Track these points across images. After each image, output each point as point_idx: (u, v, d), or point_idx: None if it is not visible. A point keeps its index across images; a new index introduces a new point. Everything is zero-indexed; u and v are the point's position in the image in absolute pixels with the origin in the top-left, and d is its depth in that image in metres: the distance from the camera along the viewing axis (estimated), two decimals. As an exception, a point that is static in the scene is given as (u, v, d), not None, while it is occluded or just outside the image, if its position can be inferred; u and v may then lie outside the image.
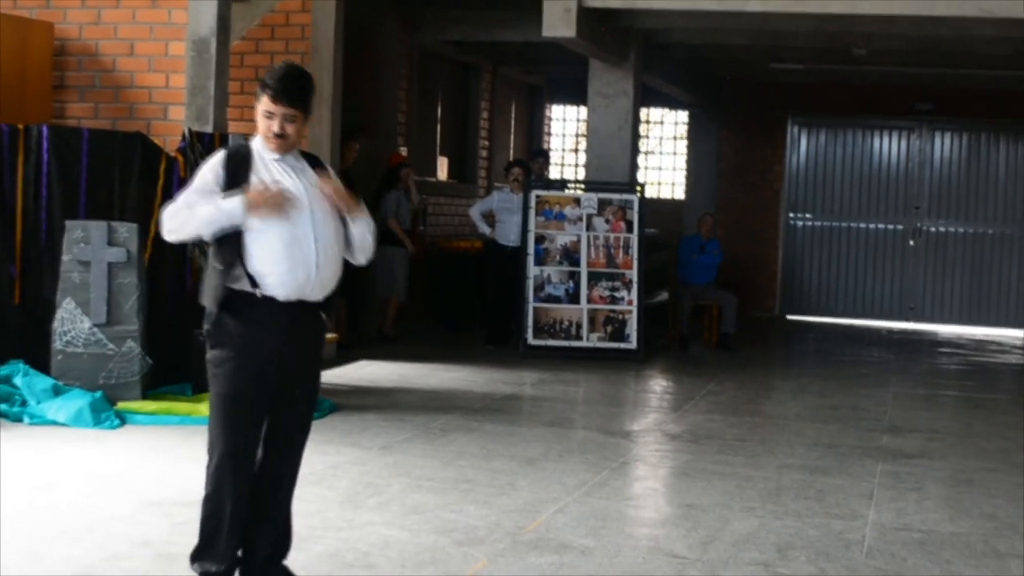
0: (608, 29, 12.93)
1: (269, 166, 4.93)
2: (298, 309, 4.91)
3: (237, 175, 4.89)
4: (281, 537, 5.13)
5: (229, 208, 4.80)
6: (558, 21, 11.75)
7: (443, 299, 15.77)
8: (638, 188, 14.03)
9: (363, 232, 5.07)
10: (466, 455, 8.28)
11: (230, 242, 4.85)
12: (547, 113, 21.45)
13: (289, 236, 4.84)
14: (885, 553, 6.32)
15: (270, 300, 4.86)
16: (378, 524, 6.39)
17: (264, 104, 4.89)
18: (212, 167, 4.94)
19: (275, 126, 4.88)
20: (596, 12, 12.16)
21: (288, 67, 4.98)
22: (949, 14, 11.22)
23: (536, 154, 16.19)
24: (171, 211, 4.91)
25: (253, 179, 4.87)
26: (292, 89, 4.90)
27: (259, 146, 4.97)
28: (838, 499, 7.51)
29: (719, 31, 13.70)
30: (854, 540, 6.55)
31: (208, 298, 4.91)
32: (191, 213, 4.85)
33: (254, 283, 4.84)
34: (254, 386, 4.90)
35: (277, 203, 4.80)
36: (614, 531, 6.57)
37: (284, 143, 4.92)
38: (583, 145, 21.39)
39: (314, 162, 5.09)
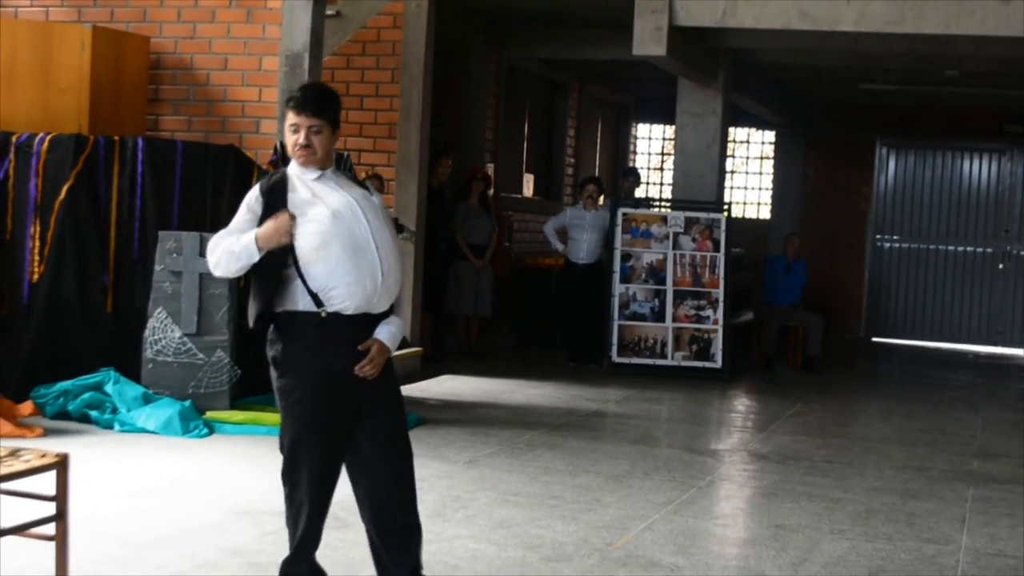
0: (698, 48, 12.89)
1: (310, 187, 4.87)
2: (364, 322, 4.85)
3: (273, 203, 4.83)
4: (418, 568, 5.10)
5: (245, 243, 4.77)
6: (649, 39, 11.74)
7: (527, 315, 15.78)
8: (725, 207, 13.97)
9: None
10: (552, 471, 8.27)
11: (272, 264, 4.81)
12: (633, 132, 21.41)
13: (352, 245, 4.79)
14: (979, 578, 6.24)
15: (336, 317, 4.78)
16: (465, 538, 6.39)
17: (289, 119, 4.88)
18: (247, 203, 4.92)
19: (301, 137, 4.84)
20: (687, 31, 12.14)
21: (312, 82, 5.05)
22: (1046, 35, 11.09)
23: (627, 173, 16.18)
24: (210, 247, 4.90)
25: (294, 201, 4.81)
26: (313, 99, 4.88)
27: (296, 171, 4.92)
28: (929, 523, 7.41)
29: (809, 51, 13.61)
30: (947, 565, 6.46)
31: (250, 316, 4.91)
32: (223, 251, 4.83)
33: (318, 302, 4.78)
34: (331, 415, 4.84)
35: (283, 226, 4.75)
36: (703, 550, 6.53)
37: (311, 154, 4.85)
38: (668, 163, 21.35)
39: (361, 183, 5.09)
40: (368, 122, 12.43)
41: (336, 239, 4.79)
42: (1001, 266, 19.45)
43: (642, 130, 21.82)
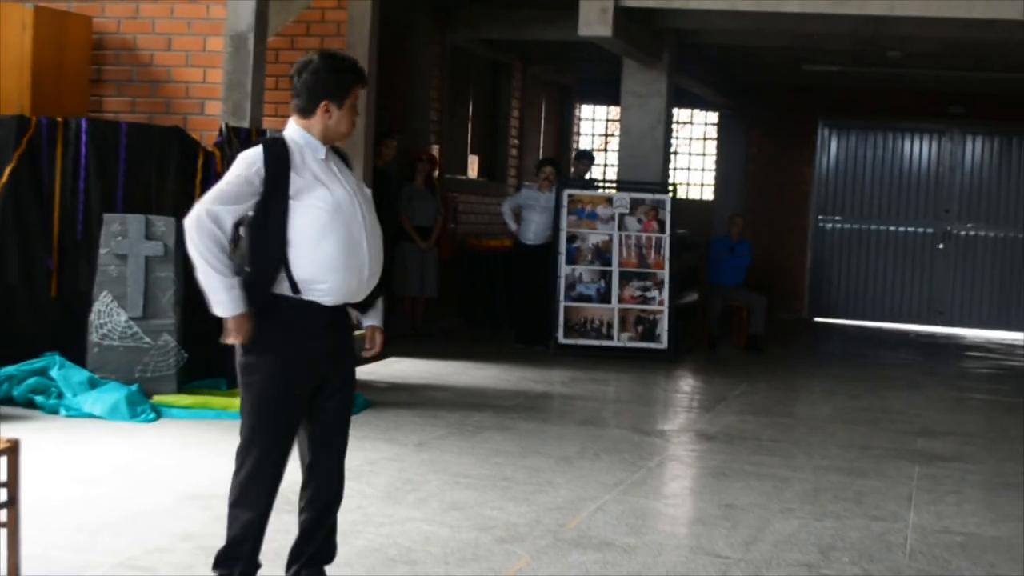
0: (643, 29, 12.91)
1: (313, 166, 4.76)
2: (340, 311, 4.84)
3: (275, 178, 4.69)
4: (325, 545, 5.04)
5: (221, 299, 4.65)
6: (595, 20, 11.75)
7: (472, 297, 15.77)
8: (670, 188, 14.02)
9: None
10: (502, 453, 8.27)
11: (271, 247, 4.70)
12: (577, 112, 21.43)
13: (346, 241, 4.74)
14: (928, 556, 6.30)
15: (313, 304, 4.75)
16: (419, 520, 6.38)
17: (356, 96, 4.85)
18: (250, 163, 4.71)
19: (356, 114, 4.89)
20: (632, 11, 12.15)
21: (347, 56, 4.98)
22: (987, 16, 11.18)
23: (581, 155, 16.14)
24: (197, 219, 4.67)
25: (298, 183, 4.70)
26: None
27: (300, 142, 4.79)
28: (877, 501, 7.48)
29: (753, 32, 13.66)
30: (896, 542, 6.53)
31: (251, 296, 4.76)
32: (208, 249, 4.63)
33: (296, 289, 4.73)
34: (295, 394, 4.80)
35: (244, 335, 4.71)
36: (655, 530, 6.56)
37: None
38: (612, 145, 21.40)
39: (346, 161, 5.02)
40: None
41: (334, 234, 4.72)
42: (941, 246, 19.66)
43: (586, 111, 21.85)
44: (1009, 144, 19.47)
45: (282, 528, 5.42)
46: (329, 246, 4.71)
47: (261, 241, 4.72)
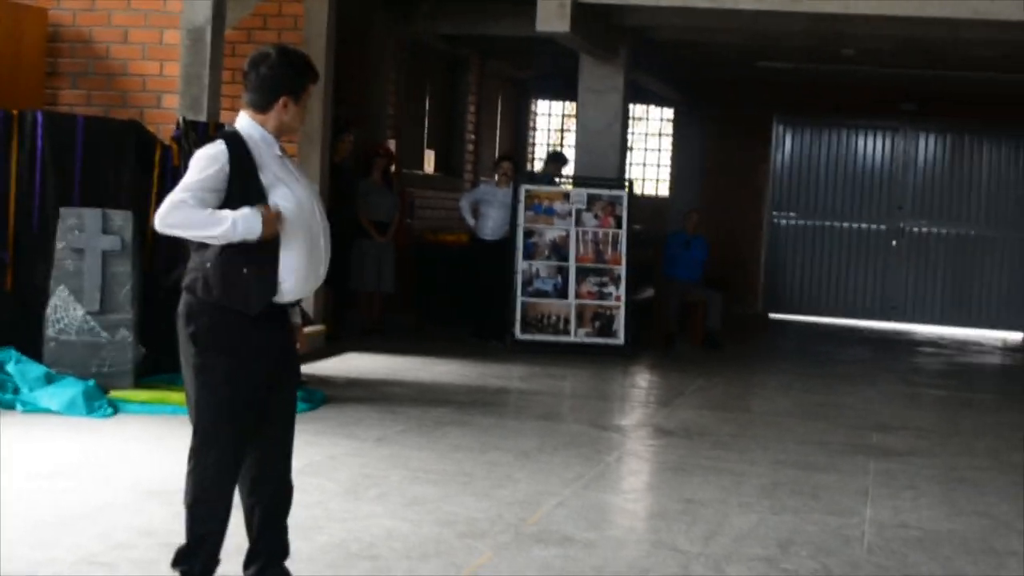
0: (600, 25, 12.94)
1: (271, 164, 4.74)
2: (287, 308, 4.84)
3: (242, 172, 4.67)
4: (278, 544, 5.01)
5: (244, 231, 4.60)
6: (552, 16, 11.76)
7: (429, 292, 15.76)
8: (627, 184, 14.06)
9: None
10: (462, 448, 8.28)
11: (267, 247, 4.67)
12: (533, 108, 21.45)
13: (308, 242, 4.74)
14: (885, 550, 6.36)
15: (275, 303, 4.75)
16: (380, 515, 6.38)
17: (310, 93, 4.85)
18: (214, 163, 4.66)
19: (305, 110, 4.88)
20: (590, 7, 12.17)
21: (292, 48, 4.95)
22: (941, 15, 11.28)
23: (553, 157, 16.13)
24: (176, 203, 4.63)
25: (264, 179, 4.69)
26: None
27: (256, 138, 4.76)
28: (834, 496, 7.54)
29: (710, 29, 13.73)
30: (853, 536, 6.58)
31: (251, 303, 4.69)
32: (206, 218, 4.60)
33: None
34: (253, 393, 4.77)
35: (278, 226, 4.69)
36: (615, 525, 6.60)
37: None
38: (567, 140, 21.45)
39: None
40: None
41: (299, 233, 4.72)
42: (895, 243, 19.81)
43: (541, 106, 21.87)
44: (961, 141, 19.64)
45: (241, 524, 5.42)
46: (295, 246, 4.71)
47: (253, 243, 4.66)
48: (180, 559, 4.92)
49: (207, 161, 4.68)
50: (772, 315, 19.94)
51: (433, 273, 15.68)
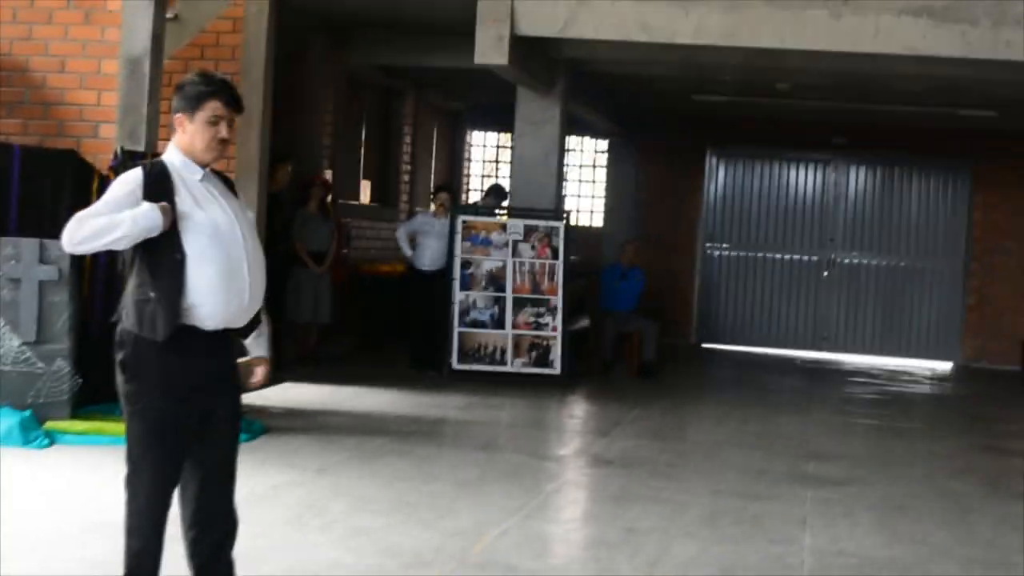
0: (538, 57, 13.02)
1: (192, 189, 4.73)
2: (221, 334, 4.76)
3: (154, 197, 4.64)
4: (230, 572, 4.98)
5: (144, 211, 4.58)
6: (490, 48, 11.82)
7: (365, 322, 15.73)
8: (564, 215, 14.14)
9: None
10: (403, 478, 8.29)
11: (171, 271, 4.64)
12: (468, 139, 21.52)
13: (226, 265, 4.69)
14: (825, 577, 6.44)
15: (197, 330, 4.69)
16: (324, 546, 6.38)
17: (214, 109, 4.69)
18: (127, 185, 4.67)
19: (223, 131, 4.72)
20: (527, 40, 12.24)
21: (218, 74, 4.90)
22: (876, 51, 11.45)
23: (491, 191, 16.18)
24: (80, 218, 4.61)
25: (180, 203, 4.67)
26: (237, 93, 4.80)
27: (178, 164, 4.75)
28: (773, 524, 7.62)
29: (647, 62, 13.83)
30: (794, 564, 6.66)
31: (153, 329, 4.64)
32: (106, 223, 4.56)
33: (185, 314, 4.67)
34: (178, 421, 4.73)
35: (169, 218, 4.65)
36: (559, 554, 6.63)
37: (225, 150, 4.79)
38: (501, 171, 21.52)
39: (232, 188, 4.94)
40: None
41: (214, 259, 4.68)
42: (826, 274, 20.02)
43: (476, 137, 21.94)
44: (891, 174, 19.91)
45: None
46: (210, 270, 4.66)
47: (158, 267, 4.65)
48: None
49: (119, 185, 4.70)
50: (705, 345, 20.08)
51: (370, 303, 15.67)
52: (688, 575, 6.28)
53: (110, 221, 4.58)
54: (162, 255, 4.65)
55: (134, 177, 4.69)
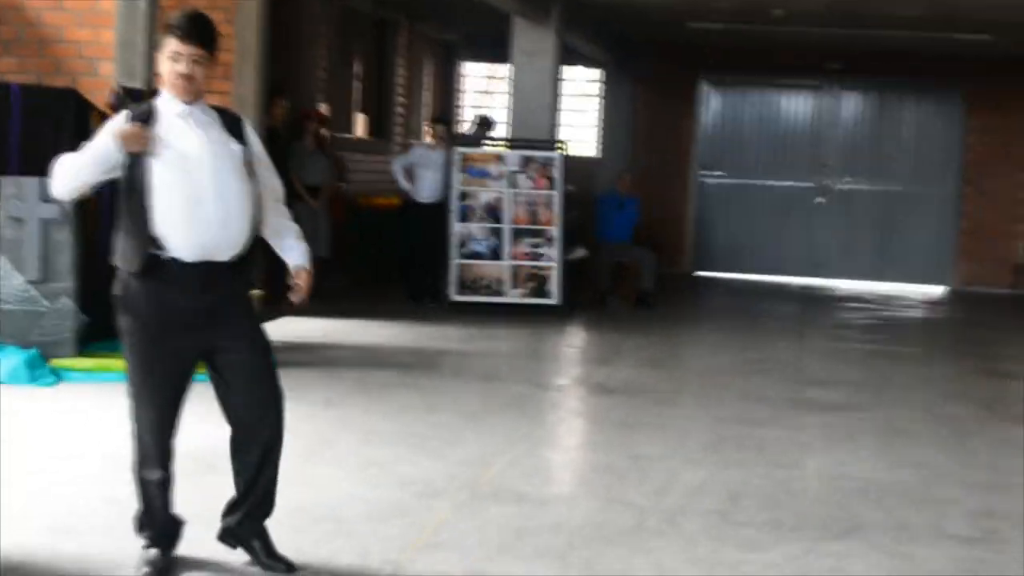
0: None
1: (171, 124, 4.79)
2: (210, 269, 4.80)
3: None
4: (263, 499, 5.10)
5: (101, 143, 4.73)
6: (486, -23, 11.80)
7: (363, 255, 15.78)
8: (560, 146, 14.15)
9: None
10: (408, 409, 8.37)
11: (136, 201, 4.74)
12: (460, 70, 21.46)
13: (188, 194, 4.73)
14: (831, 501, 6.53)
15: (178, 262, 4.75)
16: (339, 479, 6.47)
17: (171, 46, 4.75)
18: (112, 125, 4.82)
19: (181, 67, 4.75)
20: (522, -31, 12.22)
21: (192, 9, 4.94)
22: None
23: (481, 122, 16.17)
24: (60, 161, 4.80)
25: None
26: (198, 29, 4.79)
27: (165, 102, 4.84)
28: (777, 449, 7.72)
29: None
30: (799, 488, 6.76)
31: (127, 260, 4.78)
32: (72, 165, 4.76)
33: (159, 245, 4.74)
34: (169, 353, 4.82)
35: (145, 134, 4.71)
36: (567, 482, 6.73)
37: (191, 85, 4.78)
38: (493, 101, 21.49)
39: (233, 124, 4.98)
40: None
41: (176, 186, 4.73)
42: (820, 200, 20.08)
43: (469, 68, 21.88)
44: (885, 100, 19.94)
45: (204, 489, 5.50)
46: (172, 198, 4.73)
47: (127, 200, 4.78)
48: (139, 525, 5.03)
49: (103, 130, 4.85)
50: (700, 273, 20.16)
51: (366, 236, 15.70)
52: (696, 501, 6.37)
53: (84, 151, 4.77)
54: (132, 189, 4.77)
55: (117, 120, 4.84)
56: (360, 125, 17.28)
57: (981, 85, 19.39)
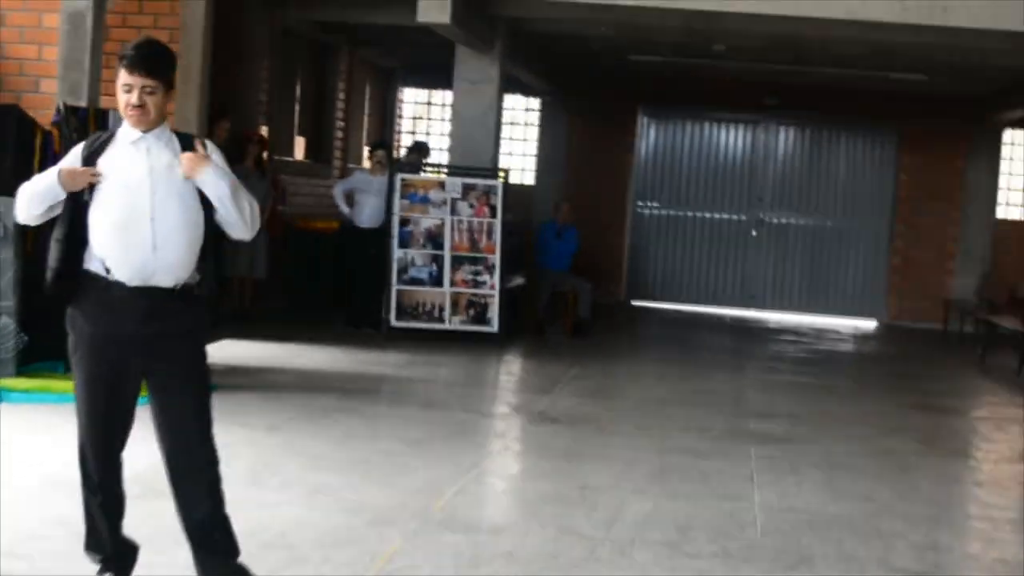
0: (478, 16, 13.01)
1: (122, 150, 4.82)
2: (154, 294, 4.77)
3: (90, 160, 4.81)
4: (218, 531, 5.02)
5: (48, 179, 4.78)
6: (433, 7, 11.84)
7: (300, 279, 15.70)
8: (501, 174, 14.18)
9: (219, 197, 4.86)
10: (354, 436, 8.33)
11: (74, 221, 4.77)
12: (400, 96, 21.46)
13: (122, 217, 4.73)
14: (778, 533, 6.58)
15: (120, 284, 4.74)
16: (286, 504, 6.42)
17: (122, 77, 4.76)
18: (70, 155, 4.90)
19: (133, 98, 4.74)
20: (469, -1, 12.26)
21: (145, 38, 4.92)
22: (815, 15, 11.59)
23: (415, 147, 16.17)
24: (21, 190, 4.88)
25: (99, 162, 4.79)
26: (150, 58, 4.77)
27: (124, 129, 4.86)
28: (722, 481, 7.76)
29: (586, 21, 13.86)
30: (747, 520, 6.80)
31: (48, 277, 4.83)
32: (28, 192, 4.83)
33: (105, 267, 4.75)
34: (108, 372, 4.80)
35: (83, 173, 4.76)
36: (517, 511, 6.72)
37: (143, 114, 4.76)
38: (432, 128, 21.51)
39: (187, 147, 4.91)
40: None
41: (113, 209, 4.75)
42: (754, 233, 20.25)
43: (408, 94, 21.88)
44: (820, 134, 20.17)
45: (154, 512, 5.45)
46: (109, 220, 4.74)
47: (62, 224, 4.80)
48: (86, 545, 5.01)
49: (71, 151, 4.94)
50: (635, 302, 20.25)
51: (304, 260, 15.63)
52: (646, 532, 6.39)
53: (40, 178, 4.84)
54: (71, 214, 4.80)
55: (76, 147, 4.92)
56: (300, 148, 17.22)
57: (915, 123, 19.68)
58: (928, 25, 11.50)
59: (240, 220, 4.95)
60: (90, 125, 9.86)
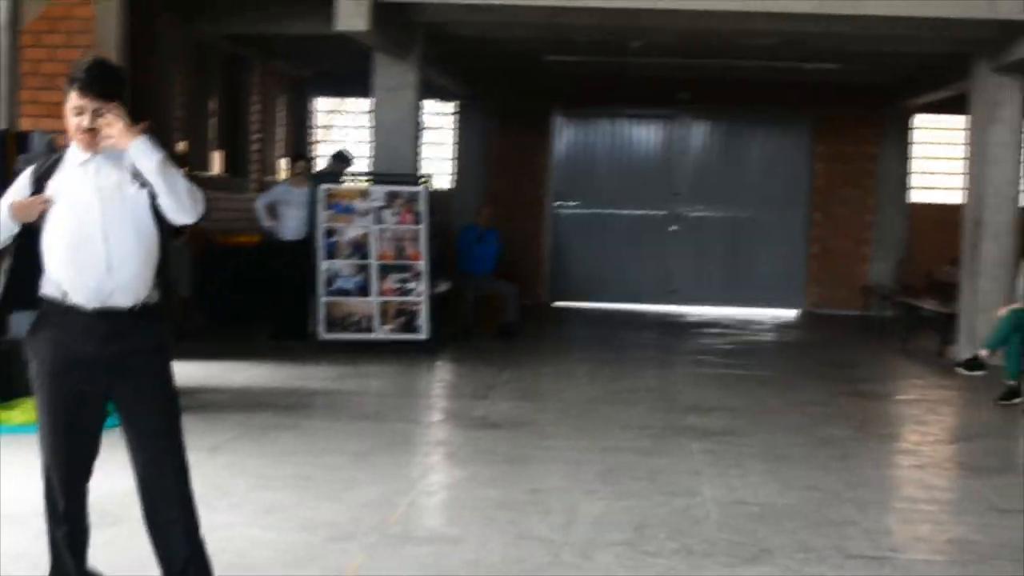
0: (395, 22, 12.97)
1: (71, 172, 4.75)
2: (113, 315, 4.70)
3: (37, 183, 4.76)
4: (195, 555, 4.90)
5: (2, 216, 4.74)
6: (351, 14, 11.76)
7: (222, 294, 15.53)
8: (424, 180, 14.14)
9: (154, 168, 4.64)
10: (296, 452, 8.27)
11: (18, 248, 4.74)
12: (311, 106, 21.35)
13: (74, 238, 4.68)
14: (733, 526, 6.62)
15: (78, 308, 4.68)
16: (239, 525, 6.35)
17: (72, 100, 4.68)
18: (19, 181, 4.83)
19: (84, 121, 4.68)
20: (385, 5, 12.19)
21: (94, 59, 4.83)
22: (731, 9, 11.68)
23: (338, 157, 16.10)
24: None
25: (48, 185, 4.74)
26: (101, 79, 4.70)
27: (72, 152, 4.79)
28: (669, 478, 7.80)
29: (504, 23, 13.85)
30: (701, 516, 6.83)
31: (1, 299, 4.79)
32: None
33: (62, 291, 4.70)
34: (70, 397, 4.73)
35: (33, 205, 4.71)
36: (474, 519, 6.68)
37: (94, 139, 4.70)
38: (343, 136, 21.44)
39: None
40: (61, 102, 11.96)
41: (64, 232, 4.69)
42: (672, 228, 20.37)
43: (320, 104, 21.78)
44: (734, 127, 20.35)
45: (113, 539, 5.37)
46: (61, 242, 4.70)
47: (14, 252, 4.77)
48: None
49: (14, 184, 4.87)
50: (557, 303, 20.30)
51: (225, 275, 15.47)
52: (604, 533, 6.40)
53: None
54: (22, 240, 4.76)
55: (25, 173, 4.87)
56: (217, 162, 17.07)
57: (829, 113, 19.92)
58: (842, 15, 11.62)
59: (183, 196, 4.71)
60: (8, 148, 9.72)
